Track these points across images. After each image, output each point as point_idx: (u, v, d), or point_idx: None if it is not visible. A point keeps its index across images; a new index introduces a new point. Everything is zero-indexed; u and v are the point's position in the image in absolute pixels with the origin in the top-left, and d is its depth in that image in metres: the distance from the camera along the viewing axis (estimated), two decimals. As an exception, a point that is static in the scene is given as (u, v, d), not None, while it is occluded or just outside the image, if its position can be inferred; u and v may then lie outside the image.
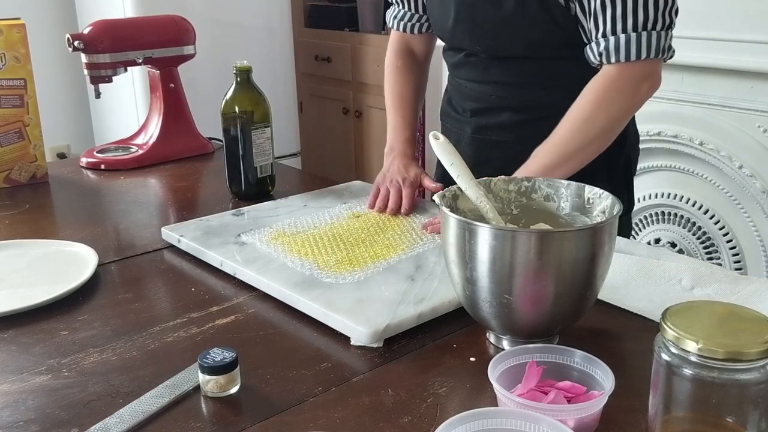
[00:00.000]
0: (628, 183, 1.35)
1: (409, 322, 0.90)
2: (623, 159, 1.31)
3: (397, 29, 1.42)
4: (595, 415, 0.70)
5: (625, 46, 1.08)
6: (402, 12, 1.40)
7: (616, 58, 1.09)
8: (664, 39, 1.09)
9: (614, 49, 1.09)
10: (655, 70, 1.12)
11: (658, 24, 1.08)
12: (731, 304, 0.70)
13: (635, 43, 1.07)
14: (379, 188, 1.30)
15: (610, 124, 1.14)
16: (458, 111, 1.36)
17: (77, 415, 0.75)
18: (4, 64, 1.48)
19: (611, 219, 0.81)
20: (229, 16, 3.01)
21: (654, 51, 1.08)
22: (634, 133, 1.35)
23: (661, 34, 1.08)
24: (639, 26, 1.07)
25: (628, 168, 1.34)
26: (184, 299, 1.01)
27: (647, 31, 1.07)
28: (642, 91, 1.12)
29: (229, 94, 1.38)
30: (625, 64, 1.09)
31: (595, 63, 1.13)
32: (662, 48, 1.09)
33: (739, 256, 2.18)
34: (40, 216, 1.40)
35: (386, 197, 1.27)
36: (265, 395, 0.78)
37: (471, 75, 1.30)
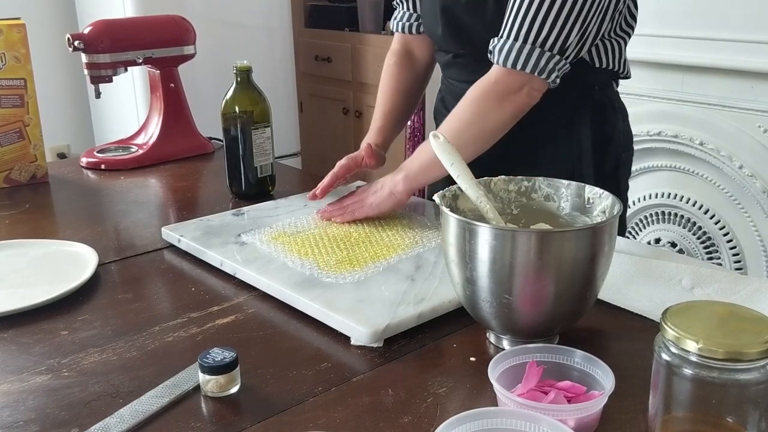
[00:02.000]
0: (619, 186, 1.33)
1: (409, 322, 0.90)
2: (610, 162, 1.29)
3: (398, 30, 1.43)
4: (595, 415, 0.70)
5: (506, 51, 1.10)
6: (402, 13, 1.42)
7: (497, 60, 1.12)
8: (549, 60, 1.09)
9: (498, 50, 1.12)
10: (531, 87, 1.12)
11: (549, 43, 1.09)
12: (731, 304, 0.70)
13: (515, 52, 1.10)
14: None
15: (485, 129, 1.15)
16: (450, 110, 1.36)
17: (77, 415, 0.75)
18: (4, 64, 1.48)
19: (611, 219, 0.81)
20: (229, 16, 3.01)
21: (531, 66, 1.09)
22: (626, 134, 1.33)
23: (547, 54, 1.09)
24: (529, 39, 1.09)
25: (617, 171, 1.32)
26: (184, 299, 1.01)
27: (534, 45, 1.09)
28: (514, 102, 1.13)
29: (230, 94, 1.38)
30: (506, 69, 1.11)
31: (490, 58, 1.15)
32: (542, 67, 1.09)
33: (739, 256, 2.18)
34: (40, 216, 1.40)
35: None
36: (265, 395, 0.78)
37: (460, 75, 1.31)
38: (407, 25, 1.41)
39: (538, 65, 1.09)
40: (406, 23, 1.41)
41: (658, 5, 2.12)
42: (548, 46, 1.09)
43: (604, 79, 1.27)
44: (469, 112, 1.14)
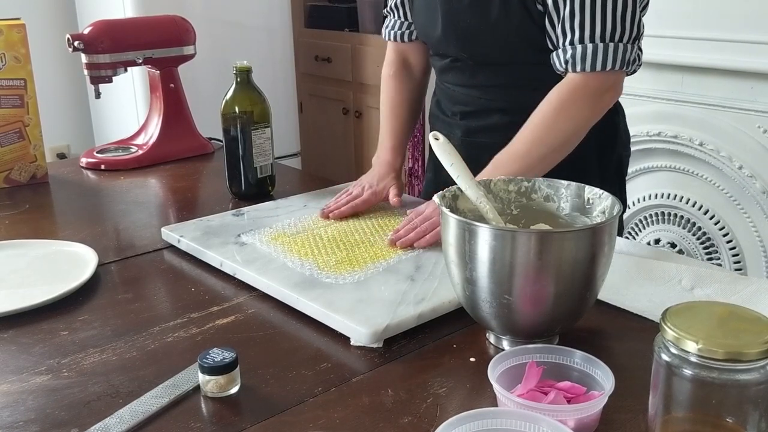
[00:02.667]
0: (621, 184, 1.35)
1: (409, 323, 0.90)
2: (615, 160, 1.31)
3: (392, 39, 1.42)
4: (595, 415, 0.70)
5: (591, 56, 1.09)
6: (394, 21, 1.40)
7: (582, 68, 1.09)
8: (630, 51, 1.10)
9: (581, 58, 1.09)
10: (618, 81, 1.13)
11: (625, 36, 1.08)
12: (731, 305, 0.70)
13: (602, 54, 1.08)
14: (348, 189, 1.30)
15: (572, 133, 1.14)
16: (447, 114, 1.36)
17: (77, 415, 0.75)
18: (4, 64, 1.48)
19: (611, 219, 0.81)
20: (229, 16, 3.01)
21: (620, 63, 1.09)
22: (625, 133, 1.34)
23: (627, 47, 1.09)
24: (606, 37, 1.08)
25: (620, 169, 1.34)
26: (184, 299, 1.01)
27: (614, 42, 1.08)
28: (604, 101, 1.13)
29: (229, 94, 1.38)
30: (590, 73, 1.10)
31: (561, 70, 1.13)
32: (627, 60, 1.10)
33: (739, 257, 2.18)
34: (40, 216, 1.40)
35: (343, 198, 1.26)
36: (265, 395, 0.78)
37: (458, 80, 1.30)
38: (400, 34, 1.39)
39: (625, 60, 1.09)
40: (398, 32, 1.39)
41: (658, 5, 2.11)
42: (626, 38, 1.08)
43: None
44: (559, 118, 1.12)
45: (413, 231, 1.11)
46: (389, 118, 1.40)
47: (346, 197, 1.26)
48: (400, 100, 1.41)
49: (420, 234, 1.10)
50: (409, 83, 1.43)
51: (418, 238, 1.09)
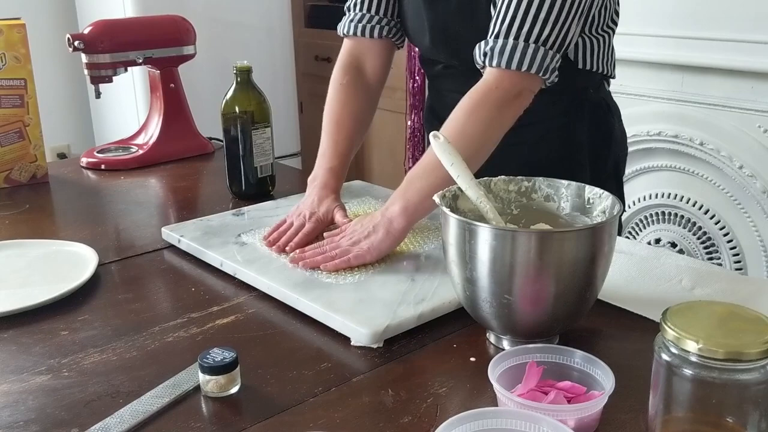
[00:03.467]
0: (619, 185, 1.33)
1: (410, 323, 0.90)
2: (611, 161, 1.29)
3: (351, 33, 1.30)
4: (595, 415, 0.70)
5: (509, 52, 1.04)
6: (359, 15, 1.29)
7: (498, 62, 1.05)
8: (551, 59, 1.05)
9: (499, 52, 1.04)
10: (530, 88, 1.07)
11: (550, 41, 1.04)
12: (731, 304, 0.69)
13: (520, 52, 1.03)
14: (284, 220, 1.17)
15: (485, 138, 1.07)
16: (441, 119, 1.34)
17: (77, 415, 0.75)
18: (4, 64, 1.48)
19: (611, 219, 0.81)
20: (229, 16, 3.01)
21: (537, 66, 1.04)
22: (621, 132, 1.32)
23: (548, 52, 1.04)
24: (531, 37, 1.03)
25: (617, 169, 1.32)
26: (185, 299, 1.01)
27: (536, 44, 1.04)
28: (514, 107, 1.07)
29: (230, 94, 1.38)
30: (505, 71, 1.05)
31: (479, 63, 1.09)
32: (546, 67, 1.05)
33: (739, 256, 2.18)
34: (41, 216, 1.40)
35: (284, 231, 1.14)
36: (266, 395, 0.78)
37: (452, 86, 1.27)
38: (368, 27, 1.28)
39: (543, 64, 1.04)
40: (366, 25, 1.28)
41: (658, 5, 2.12)
42: (550, 43, 1.04)
43: (597, 81, 1.25)
44: (468, 122, 1.05)
45: (320, 255, 1.04)
46: (332, 134, 1.26)
47: (292, 229, 1.13)
48: (348, 115, 1.28)
49: (327, 258, 1.03)
50: (362, 95, 1.30)
51: (325, 261, 1.03)
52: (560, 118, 1.23)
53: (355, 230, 1.07)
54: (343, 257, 1.03)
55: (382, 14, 1.29)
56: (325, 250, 1.06)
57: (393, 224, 1.04)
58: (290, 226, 1.14)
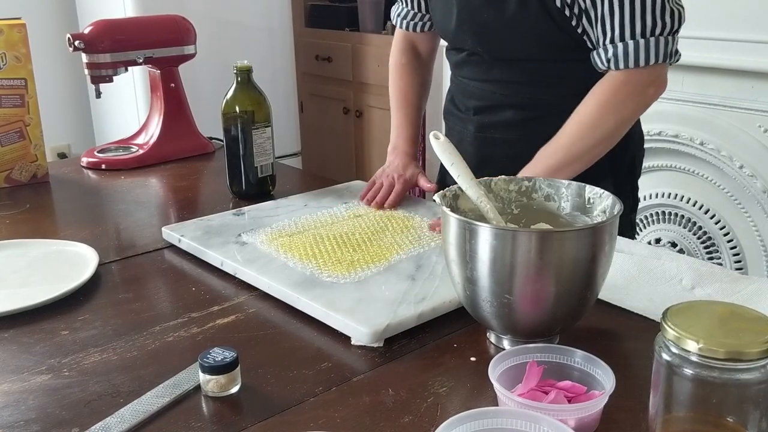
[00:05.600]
0: (633, 182, 1.35)
1: (410, 322, 0.90)
2: (628, 158, 1.31)
3: (401, 27, 1.43)
4: (595, 414, 0.70)
5: (633, 53, 1.08)
6: (405, 10, 1.42)
7: (625, 65, 1.10)
8: (671, 43, 1.09)
9: (623, 55, 1.09)
10: (661, 74, 1.13)
11: (666, 29, 1.08)
12: (732, 304, 0.70)
13: (644, 50, 1.08)
14: (374, 182, 1.33)
15: (617, 127, 1.15)
16: (461, 109, 1.35)
17: (78, 415, 0.75)
18: (4, 63, 1.48)
19: (612, 219, 0.81)
20: (229, 16, 3.01)
21: (662, 56, 1.09)
22: (639, 132, 1.35)
23: (668, 39, 1.09)
24: (647, 32, 1.07)
25: (633, 167, 1.34)
26: (185, 299, 1.01)
27: (655, 36, 1.08)
28: (649, 95, 1.13)
29: (230, 93, 1.38)
30: (632, 70, 1.10)
31: (602, 68, 1.13)
32: (669, 52, 1.10)
33: (739, 256, 2.18)
34: (41, 216, 1.40)
35: (378, 190, 1.30)
36: (266, 395, 0.78)
37: (474, 74, 1.30)
38: (411, 24, 1.41)
39: (667, 52, 1.09)
40: (410, 22, 1.41)
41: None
42: (666, 31, 1.08)
43: None
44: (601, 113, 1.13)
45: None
46: (403, 108, 1.41)
47: (384, 188, 1.30)
48: (413, 90, 1.43)
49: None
50: (420, 72, 1.44)
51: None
52: None
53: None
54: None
55: (424, 11, 1.40)
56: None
57: None
58: (381, 186, 1.31)
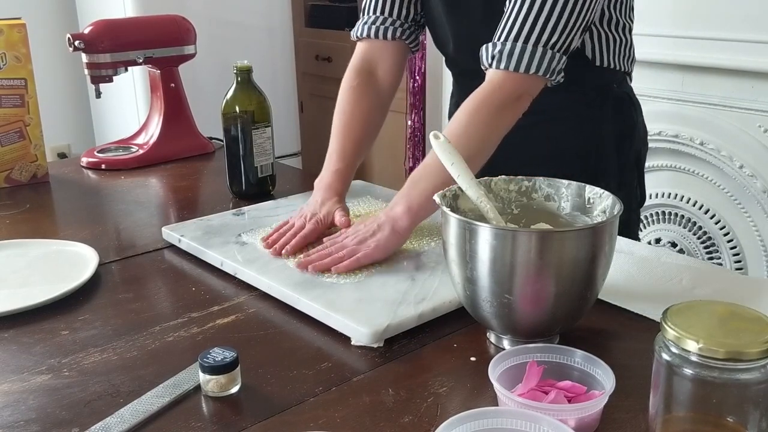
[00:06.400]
0: (639, 178, 1.35)
1: (410, 322, 0.90)
2: (633, 154, 1.31)
3: (365, 35, 1.31)
4: (595, 414, 0.70)
5: (517, 56, 1.05)
6: (374, 17, 1.30)
7: (506, 65, 1.06)
8: (557, 61, 1.06)
9: (507, 55, 1.06)
10: (533, 88, 1.09)
11: (558, 44, 1.06)
12: (732, 304, 0.70)
13: (528, 56, 1.05)
14: (288, 221, 1.17)
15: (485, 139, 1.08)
16: None
17: (78, 415, 0.75)
18: (4, 63, 1.48)
19: (612, 219, 0.81)
20: (229, 16, 3.01)
21: (544, 68, 1.05)
22: (643, 127, 1.35)
23: (555, 55, 1.06)
24: (540, 41, 1.05)
25: (639, 163, 1.34)
26: (185, 299, 1.01)
27: (544, 48, 1.05)
28: (516, 108, 1.08)
29: (230, 93, 1.38)
30: (510, 73, 1.06)
31: (485, 65, 1.10)
32: (552, 69, 1.06)
33: (739, 256, 2.18)
34: (41, 216, 1.40)
35: (283, 233, 1.13)
36: (266, 395, 0.78)
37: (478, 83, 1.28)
38: (381, 29, 1.28)
39: (549, 66, 1.06)
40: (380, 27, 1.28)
41: (658, 5, 2.12)
42: (558, 45, 1.06)
43: (620, 77, 1.27)
44: (470, 124, 1.07)
45: (328, 257, 1.03)
46: (341, 137, 1.25)
47: (291, 231, 1.13)
48: (357, 117, 1.27)
49: (336, 260, 1.02)
50: (372, 98, 1.30)
51: (334, 263, 1.02)
52: (586, 112, 1.25)
53: (359, 230, 1.07)
54: (353, 257, 1.02)
55: (396, 16, 1.29)
56: (330, 251, 1.05)
57: (398, 223, 1.04)
58: (291, 227, 1.14)
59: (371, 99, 1.29)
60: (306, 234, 1.11)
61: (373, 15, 1.30)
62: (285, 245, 1.09)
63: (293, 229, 1.13)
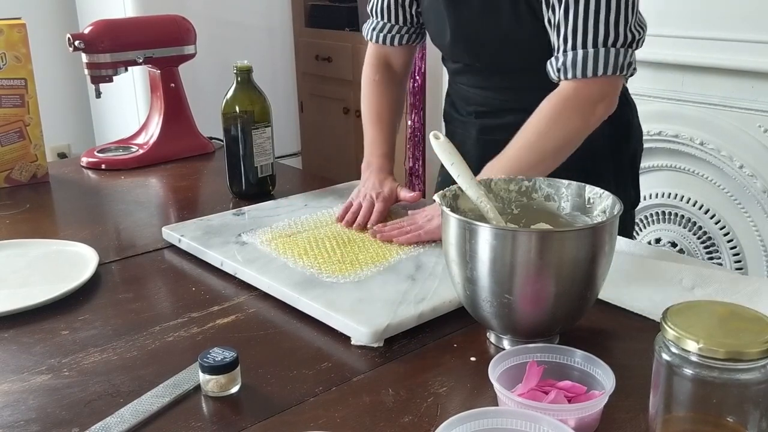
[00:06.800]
0: (634, 178, 1.36)
1: (410, 322, 0.90)
2: (629, 154, 1.31)
3: (375, 41, 1.39)
4: (595, 414, 0.70)
5: (582, 62, 1.06)
6: (381, 24, 1.37)
7: (573, 74, 1.07)
8: (623, 56, 1.07)
9: (571, 64, 1.07)
10: (611, 90, 1.10)
11: (619, 40, 1.06)
12: (732, 304, 0.70)
13: (592, 59, 1.05)
14: (351, 202, 1.25)
15: (563, 143, 1.11)
16: (462, 113, 1.36)
17: (78, 415, 0.75)
18: (4, 63, 1.48)
19: (612, 219, 0.81)
20: (229, 16, 3.01)
21: (612, 67, 1.06)
22: (638, 128, 1.35)
23: (620, 51, 1.06)
24: (599, 42, 1.05)
25: (634, 163, 1.35)
26: (185, 299, 1.01)
27: (606, 47, 1.05)
28: (597, 112, 1.10)
29: (230, 93, 1.38)
30: (582, 81, 1.07)
31: (554, 78, 1.11)
32: (621, 65, 1.07)
33: (739, 256, 2.18)
34: (41, 216, 1.40)
35: (357, 211, 1.22)
36: (266, 395, 0.78)
37: (472, 82, 1.30)
38: (388, 37, 1.37)
39: (618, 64, 1.06)
40: (386, 35, 1.37)
41: (658, 5, 2.12)
42: (619, 43, 1.06)
43: None
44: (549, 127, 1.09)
45: (397, 229, 1.14)
46: (377, 124, 1.36)
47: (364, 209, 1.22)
48: (386, 107, 1.38)
49: (402, 233, 1.13)
50: (393, 88, 1.40)
51: (399, 235, 1.12)
52: None
53: (418, 216, 1.17)
54: (415, 232, 1.12)
55: (402, 23, 1.36)
56: (402, 225, 1.15)
57: None
58: (359, 207, 1.23)
59: (393, 90, 1.41)
60: (380, 210, 1.22)
61: (381, 21, 1.38)
62: (365, 222, 1.20)
63: (365, 207, 1.23)
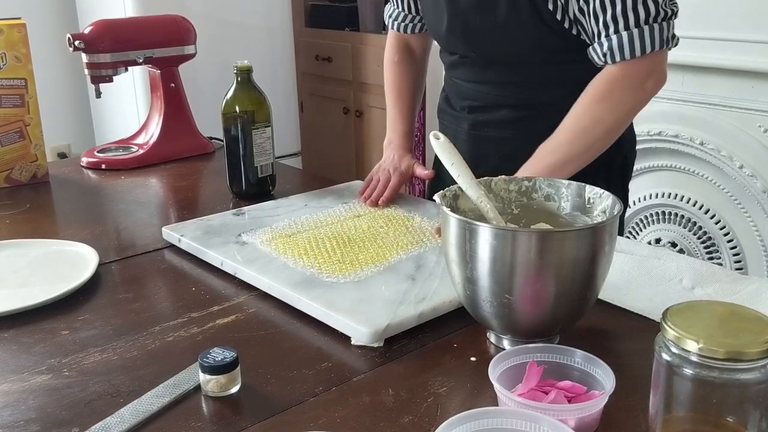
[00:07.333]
0: (625, 184, 1.35)
1: (410, 322, 0.90)
2: (620, 159, 1.30)
3: (394, 29, 1.44)
4: (595, 414, 0.70)
5: (628, 44, 1.07)
6: (397, 12, 1.42)
7: (621, 56, 1.09)
8: (666, 29, 1.08)
9: (618, 47, 1.08)
10: (658, 65, 1.12)
11: (660, 16, 1.07)
12: (732, 304, 0.70)
13: (638, 39, 1.07)
14: (371, 178, 1.35)
15: (616, 123, 1.14)
16: (455, 108, 1.36)
17: (78, 415, 0.75)
18: (4, 63, 1.48)
19: (612, 219, 0.81)
20: (229, 16, 3.01)
21: (658, 43, 1.08)
22: (630, 133, 1.34)
23: (663, 25, 1.08)
24: (641, 21, 1.07)
25: (625, 169, 1.34)
26: (185, 299, 1.01)
27: (649, 24, 1.07)
28: (648, 88, 1.12)
29: (230, 93, 1.38)
30: (629, 62, 1.09)
31: (600, 64, 1.12)
32: (665, 39, 1.09)
33: (739, 256, 2.18)
34: (41, 216, 1.40)
35: (374, 187, 1.31)
36: (266, 395, 0.78)
37: (467, 75, 1.30)
38: (403, 25, 1.42)
39: (663, 38, 1.08)
40: (402, 23, 1.42)
41: (658, 5, 2.12)
42: (661, 17, 1.07)
43: None
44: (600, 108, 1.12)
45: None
46: (397, 104, 1.44)
47: (380, 184, 1.31)
48: (407, 85, 1.45)
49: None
50: (413, 68, 1.46)
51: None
52: None
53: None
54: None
55: (414, 12, 1.40)
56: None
57: None
58: (377, 183, 1.32)
59: (413, 69, 1.47)
60: (394, 185, 1.31)
61: (396, 8, 1.42)
62: (379, 197, 1.29)
63: (381, 182, 1.32)
